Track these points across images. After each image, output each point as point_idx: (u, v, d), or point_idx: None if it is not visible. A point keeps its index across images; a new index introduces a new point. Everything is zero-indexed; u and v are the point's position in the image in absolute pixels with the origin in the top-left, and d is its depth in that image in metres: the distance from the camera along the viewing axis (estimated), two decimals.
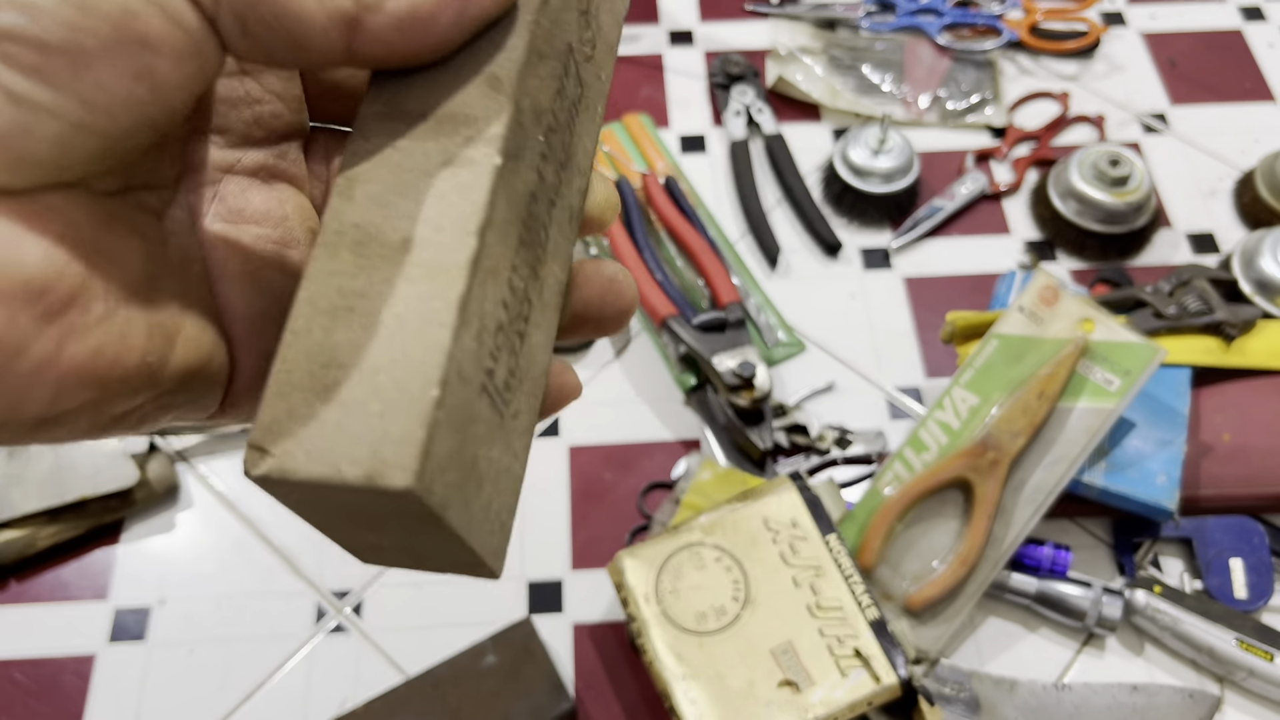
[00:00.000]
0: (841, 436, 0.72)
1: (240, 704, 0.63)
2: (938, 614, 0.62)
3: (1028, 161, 0.87)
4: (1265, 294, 0.74)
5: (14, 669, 0.64)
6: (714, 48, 0.96)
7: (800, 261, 0.82)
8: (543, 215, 0.22)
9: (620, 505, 0.70)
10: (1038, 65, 0.95)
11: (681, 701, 0.56)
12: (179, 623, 0.66)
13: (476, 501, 0.20)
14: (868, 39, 0.95)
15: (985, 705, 0.62)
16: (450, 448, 0.19)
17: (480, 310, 0.19)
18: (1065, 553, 0.66)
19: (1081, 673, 0.64)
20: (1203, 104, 0.92)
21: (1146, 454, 0.65)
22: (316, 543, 0.69)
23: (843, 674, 0.57)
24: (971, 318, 0.70)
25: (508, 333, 0.21)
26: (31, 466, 0.66)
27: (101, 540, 0.69)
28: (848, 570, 0.60)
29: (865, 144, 0.83)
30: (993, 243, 0.83)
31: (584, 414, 0.74)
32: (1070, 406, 0.64)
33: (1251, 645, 0.62)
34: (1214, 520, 0.67)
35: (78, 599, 0.66)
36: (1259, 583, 0.65)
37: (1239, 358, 0.71)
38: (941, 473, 0.64)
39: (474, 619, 0.66)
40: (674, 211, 0.79)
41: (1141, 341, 0.65)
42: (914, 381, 0.76)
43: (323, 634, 0.65)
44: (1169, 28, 0.97)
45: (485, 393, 0.20)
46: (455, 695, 0.60)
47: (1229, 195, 0.86)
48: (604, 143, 0.86)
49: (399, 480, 0.18)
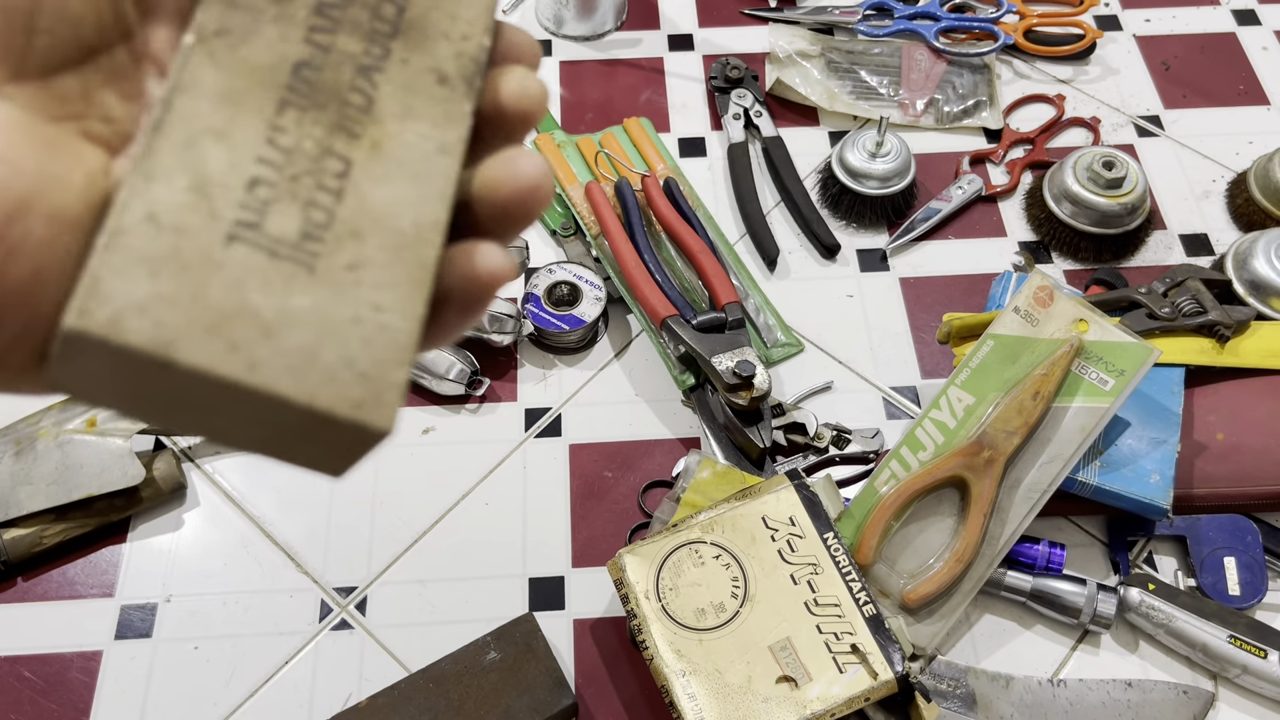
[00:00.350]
0: (839, 435, 0.73)
1: (245, 700, 0.64)
2: (934, 611, 0.63)
3: (1023, 164, 0.88)
4: (1258, 295, 0.75)
5: (22, 665, 0.65)
6: (713, 52, 0.96)
7: (798, 262, 0.83)
8: (344, 81, 0.23)
9: (620, 503, 0.71)
10: (1033, 69, 0.95)
11: (681, 697, 0.56)
12: (185, 619, 0.66)
13: (265, 347, 0.20)
14: (865, 43, 0.96)
15: (981, 701, 0.63)
16: (157, 291, 0.20)
17: (191, 166, 0.21)
18: (1060, 550, 0.66)
19: (1076, 669, 0.65)
20: (1196, 107, 0.93)
21: (1141, 453, 0.66)
22: (321, 541, 0.69)
23: (840, 670, 0.57)
24: (967, 318, 0.71)
25: (288, 187, 0.22)
26: (39, 465, 0.67)
27: (108, 538, 0.69)
28: (845, 567, 0.61)
29: (862, 147, 0.84)
30: (988, 244, 0.84)
31: (584, 413, 0.75)
32: (1065, 406, 0.65)
33: (1245, 642, 0.63)
34: (1207, 518, 0.68)
35: (85, 596, 0.67)
36: (1252, 580, 0.66)
37: (1232, 358, 0.71)
38: (938, 471, 0.65)
39: (476, 615, 0.67)
40: (673, 213, 0.80)
41: (1135, 342, 0.65)
42: (910, 381, 0.77)
43: (327, 630, 0.66)
44: (1163, 31, 0.98)
45: (240, 241, 0.21)
46: (458, 691, 0.61)
47: (1222, 197, 0.87)
48: (604, 145, 0.86)
49: (68, 321, 0.19)
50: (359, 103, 0.23)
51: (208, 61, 0.22)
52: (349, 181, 0.22)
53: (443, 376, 0.73)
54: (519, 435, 0.74)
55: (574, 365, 0.77)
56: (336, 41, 0.24)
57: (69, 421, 0.69)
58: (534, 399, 0.76)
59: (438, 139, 0.24)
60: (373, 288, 0.22)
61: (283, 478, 0.72)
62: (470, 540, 0.70)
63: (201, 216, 0.21)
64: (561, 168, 0.85)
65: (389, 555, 0.69)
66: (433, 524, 0.70)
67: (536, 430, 0.74)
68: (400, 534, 0.70)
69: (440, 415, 0.75)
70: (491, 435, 0.74)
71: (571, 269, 0.78)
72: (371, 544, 0.69)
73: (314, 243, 0.22)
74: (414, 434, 0.74)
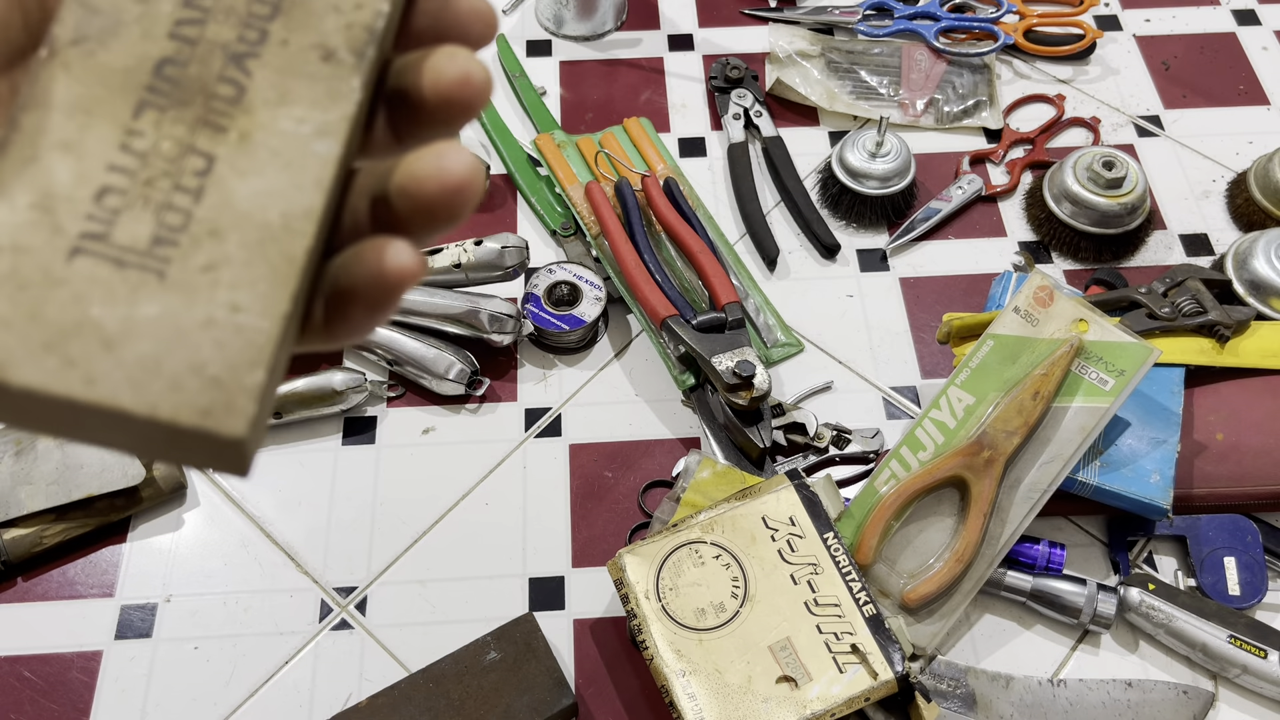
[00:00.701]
0: (839, 435, 0.73)
1: (245, 700, 0.64)
2: (934, 611, 0.63)
3: (1023, 164, 0.88)
4: (1258, 295, 0.75)
5: (22, 665, 0.65)
6: (713, 52, 0.96)
7: (798, 262, 0.83)
8: (212, 73, 0.22)
9: (620, 503, 0.71)
10: (1033, 69, 0.95)
11: (681, 697, 0.57)
12: (185, 620, 0.66)
13: (105, 361, 0.20)
14: (865, 43, 0.96)
15: (981, 701, 0.63)
16: None
17: (35, 183, 0.21)
18: (1060, 550, 0.66)
19: (1076, 669, 0.65)
20: (1196, 107, 0.93)
21: (1140, 453, 0.66)
22: (321, 541, 0.69)
23: (840, 670, 0.57)
24: (967, 318, 0.71)
25: (141, 192, 0.21)
26: (39, 465, 0.67)
27: (108, 538, 0.69)
28: (845, 567, 0.61)
29: (862, 147, 0.84)
30: (988, 244, 0.84)
31: (584, 413, 0.75)
32: (1065, 406, 0.65)
33: (1245, 642, 0.63)
34: (1207, 518, 0.68)
35: (85, 596, 0.67)
36: (1252, 580, 0.66)
37: (1232, 358, 0.71)
38: (938, 471, 0.65)
39: (476, 615, 0.67)
40: (673, 213, 0.80)
41: (1135, 342, 0.65)
42: (910, 381, 0.77)
43: (327, 630, 0.66)
44: (1163, 31, 0.98)
45: (84, 254, 0.20)
46: (458, 691, 0.61)
47: (1222, 197, 0.87)
48: (604, 145, 0.86)
49: None
50: (228, 94, 0.22)
51: (61, 73, 0.22)
52: (210, 179, 0.22)
53: (443, 376, 0.73)
54: (519, 435, 0.74)
55: (574, 365, 0.77)
56: (206, 32, 0.23)
57: None
58: (534, 399, 0.76)
59: (317, 121, 0.22)
60: (230, 288, 0.21)
61: (283, 478, 0.72)
62: (470, 540, 0.70)
63: (44, 233, 0.20)
64: (561, 168, 0.85)
65: (389, 555, 0.69)
66: (433, 524, 0.70)
67: (536, 430, 0.74)
68: (400, 534, 0.70)
69: (440, 415, 0.75)
70: (491, 435, 0.74)
71: (571, 269, 0.78)
72: (371, 544, 0.70)
73: (167, 247, 0.21)
74: (414, 434, 0.74)
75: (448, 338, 0.76)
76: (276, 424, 0.73)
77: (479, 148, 0.89)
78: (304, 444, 0.73)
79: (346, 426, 0.74)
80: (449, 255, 0.76)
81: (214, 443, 0.20)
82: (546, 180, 0.86)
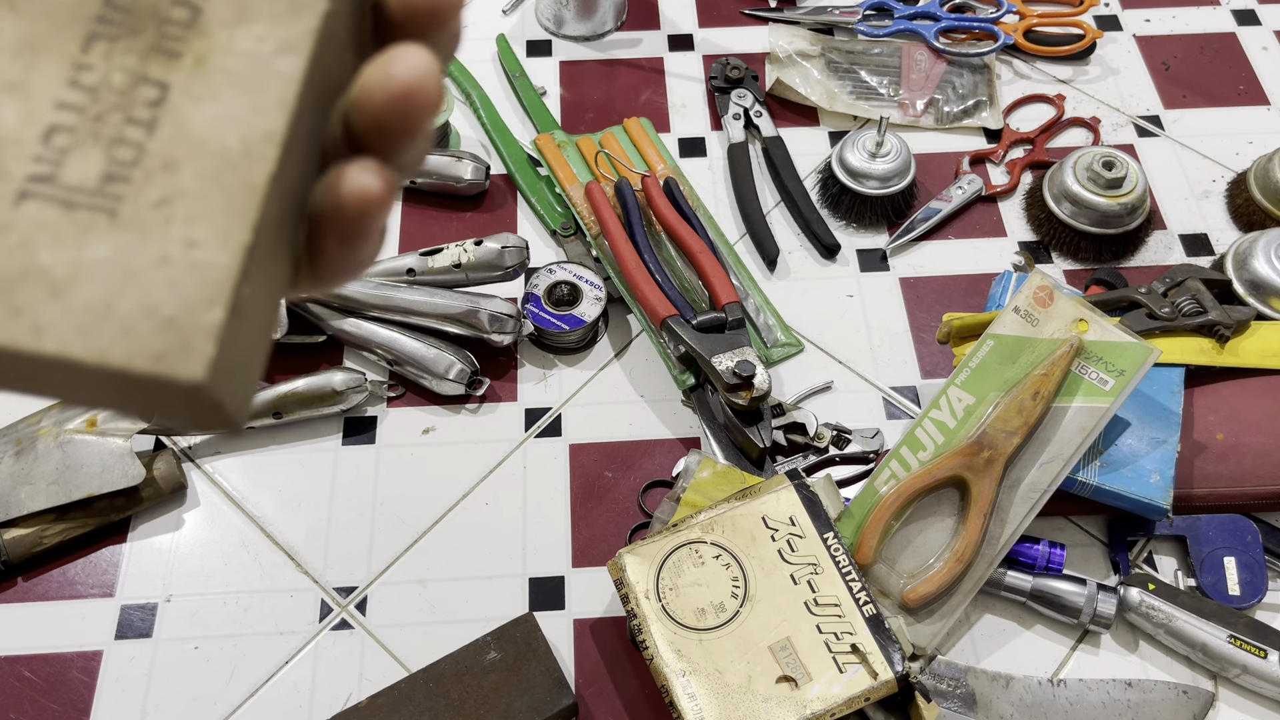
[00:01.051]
0: (839, 435, 0.73)
1: (245, 700, 0.64)
2: (934, 611, 0.63)
3: (1023, 164, 0.88)
4: (1258, 295, 0.75)
5: (22, 665, 0.65)
6: (713, 52, 0.96)
7: (798, 262, 0.83)
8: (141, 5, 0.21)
9: (620, 503, 0.71)
10: (1033, 69, 0.95)
11: (681, 697, 0.57)
12: (185, 619, 0.66)
13: (53, 308, 0.19)
14: (865, 43, 0.96)
15: (981, 701, 0.63)
16: None
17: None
18: (1060, 550, 0.66)
19: (1076, 669, 0.65)
20: (1196, 107, 0.93)
21: (1140, 453, 0.66)
22: (321, 541, 0.70)
23: (840, 670, 0.57)
24: (967, 318, 0.71)
25: (91, 128, 0.20)
26: (39, 465, 0.67)
27: (109, 538, 0.69)
28: (845, 567, 0.61)
29: (862, 147, 0.84)
30: (988, 244, 0.84)
31: (584, 413, 0.75)
32: (1065, 406, 0.65)
33: (1245, 642, 0.63)
34: (1207, 518, 0.68)
35: (85, 596, 0.67)
36: (1252, 580, 0.66)
37: (1232, 358, 0.71)
38: (938, 471, 0.65)
39: (476, 615, 0.67)
40: (673, 213, 0.80)
41: (1135, 342, 0.65)
42: (910, 381, 0.77)
43: (327, 630, 0.66)
44: (1163, 31, 0.98)
45: (31, 198, 0.20)
46: (458, 690, 0.61)
47: (1222, 197, 0.87)
48: (604, 145, 0.86)
49: None
50: (182, 17, 0.21)
51: (6, 12, 0.21)
52: (164, 109, 0.20)
53: (443, 376, 0.73)
54: (519, 435, 0.74)
55: (574, 365, 0.77)
56: None
57: (69, 421, 0.69)
58: (534, 399, 0.76)
59: (278, 37, 0.21)
60: (184, 222, 0.20)
61: (283, 477, 0.72)
62: (470, 540, 0.70)
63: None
64: (561, 168, 0.85)
65: (389, 555, 0.69)
66: (433, 524, 0.70)
67: (536, 430, 0.74)
68: (400, 534, 0.70)
69: (440, 415, 0.75)
70: (491, 435, 0.74)
71: (571, 269, 0.78)
72: (371, 544, 0.70)
73: (118, 184, 0.20)
74: (414, 434, 0.74)
75: (448, 338, 0.76)
76: (276, 424, 0.73)
77: (479, 148, 0.89)
78: (304, 444, 0.73)
79: (347, 426, 0.74)
80: (449, 255, 0.76)
81: (175, 390, 0.19)
82: (546, 180, 0.86)
